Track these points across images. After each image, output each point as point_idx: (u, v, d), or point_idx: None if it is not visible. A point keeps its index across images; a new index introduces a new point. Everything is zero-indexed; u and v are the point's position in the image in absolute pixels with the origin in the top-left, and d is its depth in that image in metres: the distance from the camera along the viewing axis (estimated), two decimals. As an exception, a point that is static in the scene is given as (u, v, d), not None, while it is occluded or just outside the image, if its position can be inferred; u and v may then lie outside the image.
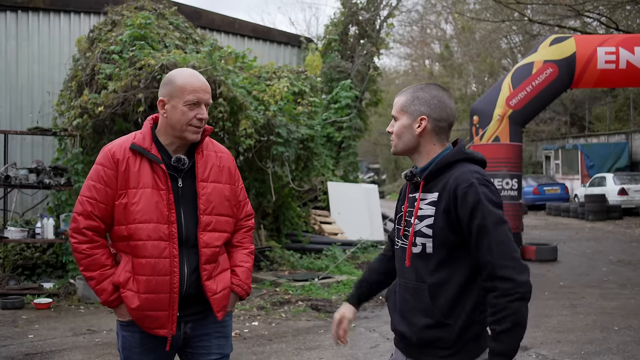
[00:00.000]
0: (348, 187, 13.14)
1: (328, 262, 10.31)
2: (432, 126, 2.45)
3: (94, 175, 2.75)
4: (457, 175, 2.34)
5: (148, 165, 2.72)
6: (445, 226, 2.34)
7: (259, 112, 9.49)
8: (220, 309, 2.83)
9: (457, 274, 2.35)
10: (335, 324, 2.77)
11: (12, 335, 6.67)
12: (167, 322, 2.73)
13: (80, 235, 2.73)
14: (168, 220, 2.70)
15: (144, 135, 2.78)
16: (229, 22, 14.35)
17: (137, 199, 2.69)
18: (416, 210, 2.44)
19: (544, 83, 11.69)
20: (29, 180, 8.49)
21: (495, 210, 2.28)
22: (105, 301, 2.77)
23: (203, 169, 2.80)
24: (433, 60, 39.53)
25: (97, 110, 8.46)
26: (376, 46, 15.38)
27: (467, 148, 2.49)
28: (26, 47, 11.83)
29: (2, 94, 11.54)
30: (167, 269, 2.70)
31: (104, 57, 9.18)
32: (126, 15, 10.04)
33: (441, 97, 2.47)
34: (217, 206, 2.81)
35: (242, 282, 2.92)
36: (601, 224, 19.94)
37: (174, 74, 2.78)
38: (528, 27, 24.87)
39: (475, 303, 2.36)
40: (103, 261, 2.75)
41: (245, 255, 2.98)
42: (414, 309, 2.42)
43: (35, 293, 8.30)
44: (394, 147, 2.55)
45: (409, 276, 2.45)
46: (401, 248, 2.55)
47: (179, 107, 2.70)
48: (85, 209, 2.73)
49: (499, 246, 2.25)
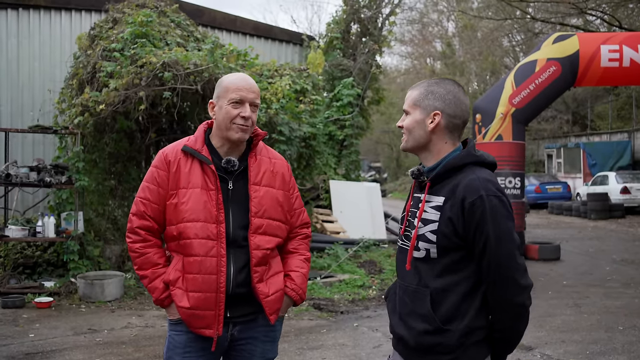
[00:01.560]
0: (350, 185, 13.09)
1: (330, 261, 10.27)
2: (446, 122, 2.38)
3: (148, 177, 2.83)
4: (466, 184, 2.26)
5: (199, 166, 2.77)
6: (450, 234, 2.28)
7: (260, 110, 9.43)
8: (273, 312, 2.81)
9: (462, 281, 2.31)
10: None
11: (13, 334, 6.63)
12: (213, 322, 2.73)
13: (134, 235, 2.81)
14: (217, 219, 2.72)
15: (196, 138, 2.84)
16: (230, 20, 14.31)
17: (187, 198, 2.73)
18: (420, 213, 2.37)
19: (547, 81, 11.63)
20: (30, 178, 8.44)
21: (503, 226, 2.24)
22: (157, 299, 2.80)
23: (256, 173, 2.83)
24: (434, 59, 39.46)
25: (98, 108, 8.40)
26: (378, 44, 15.32)
27: (476, 149, 2.41)
28: (27, 45, 11.81)
29: (3, 92, 11.52)
30: (214, 267, 2.71)
31: (105, 55, 9.13)
32: (127, 13, 9.98)
33: (456, 93, 2.40)
34: (269, 210, 2.82)
35: (297, 286, 2.90)
36: (604, 222, 19.88)
37: (224, 77, 2.85)
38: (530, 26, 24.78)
39: (479, 309, 2.31)
40: (155, 260, 2.80)
41: (301, 262, 2.98)
42: (413, 313, 2.37)
43: (36, 292, 8.26)
44: (405, 143, 2.47)
45: (410, 279, 2.40)
46: (402, 249, 2.50)
47: (223, 107, 2.75)
48: (139, 209, 2.80)
49: (500, 268, 2.23)
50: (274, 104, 9.65)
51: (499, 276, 2.22)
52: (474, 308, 2.29)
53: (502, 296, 2.25)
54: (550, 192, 25.43)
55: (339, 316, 7.59)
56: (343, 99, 13.28)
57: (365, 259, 10.74)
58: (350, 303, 8.22)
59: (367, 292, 8.76)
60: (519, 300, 2.25)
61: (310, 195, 12.62)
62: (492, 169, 2.40)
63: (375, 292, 8.79)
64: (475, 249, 2.26)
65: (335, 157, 13.66)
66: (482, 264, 2.25)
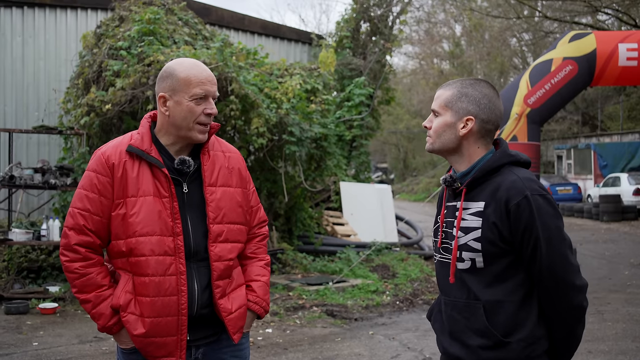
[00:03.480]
0: (361, 187, 12.83)
1: (342, 265, 10.00)
2: (479, 128, 2.21)
3: (86, 183, 2.41)
4: (509, 185, 2.11)
5: (148, 170, 2.39)
6: (495, 239, 2.11)
7: (270, 110, 9.18)
8: (237, 330, 2.49)
9: (515, 288, 2.14)
10: None
11: (16, 342, 6.39)
12: (175, 349, 2.39)
13: (71, 253, 2.39)
14: (173, 231, 2.37)
15: (142, 136, 2.43)
16: (238, 18, 14.07)
17: (137, 208, 2.35)
18: (458, 221, 2.19)
19: (563, 81, 11.34)
20: (34, 180, 8.20)
21: (553, 225, 2.09)
22: (104, 327, 2.42)
23: (210, 172, 2.47)
24: (442, 59, 39.16)
25: (104, 108, 8.17)
26: (389, 43, 15.05)
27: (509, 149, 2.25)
28: (32, 43, 11.60)
29: (8, 92, 11.31)
30: (174, 287, 2.36)
31: (112, 54, 8.90)
32: (134, 11, 9.74)
33: (492, 97, 2.23)
34: (228, 213, 2.48)
35: (259, 298, 2.58)
36: (616, 225, 19.57)
37: (174, 66, 2.42)
38: (539, 25, 24.48)
39: (537, 317, 2.14)
40: (99, 281, 2.40)
41: (261, 268, 2.64)
42: (467, 329, 2.17)
43: (40, 297, 8.02)
44: (430, 145, 2.28)
45: (457, 294, 2.21)
46: (442, 262, 2.29)
47: (184, 103, 2.37)
48: (77, 223, 2.39)
49: (554, 270, 2.08)
50: (284, 103, 9.39)
51: (553, 279, 2.08)
52: (533, 315, 2.13)
53: (558, 300, 2.11)
54: (560, 193, 25.10)
55: (353, 323, 7.33)
56: (354, 99, 13.01)
57: (377, 262, 10.47)
58: (364, 309, 7.95)
59: (381, 297, 8.49)
60: (576, 302, 2.11)
61: (321, 197, 12.36)
62: (527, 168, 2.24)
63: (389, 297, 8.52)
64: (524, 253, 2.11)
65: (345, 158, 13.39)
66: (533, 268, 2.11)
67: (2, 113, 11.21)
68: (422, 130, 39.75)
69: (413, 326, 7.18)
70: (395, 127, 40.12)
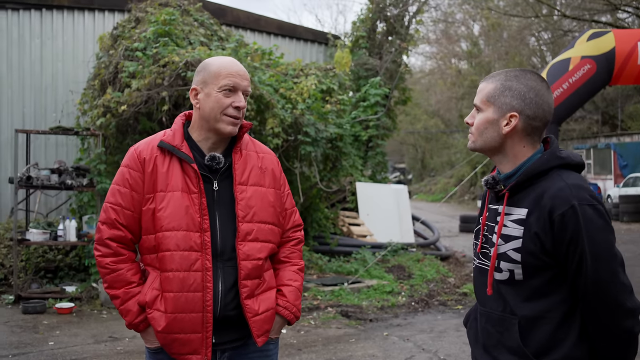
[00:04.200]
0: (377, 187, 12.78)
1: (357, 265, 9.97)
2: (524, 125, 2.02)
3: (119, 178, 2.45)
4: (554, 193, 1.93)
5: (178, 165, 2.40)
6: (537, 252, 1.94)
7: (286, 110, 9.18)
8: (262, 334, 2.44)
9: (556, 305, 1.97)
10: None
11: (32, 342, 6.44)
12: (200, 347, 2.36)
13: (104, 248, 2.42)
14: (200, 227, 2.36)
15: (174, 132, 2.46)
16: (254, 19, 14.08)
17: (165, 203, 2.36)
18: (500, 228, 2.04)
19: (582, 80, 11.22)
20: (51, 181, 8.26)
21: (602, 239, 1.90)
22: (131, 323, 2.44)
23: (242, 170, 2.45)
24: (460, 59, 38.94)
25: (120, 109, 8.20)
26: (406, 43, 14.98)
27: (560, 149, 2.06)
28: (50, 45, 11.69)
29: (27, 94, 11.41)
30: (199, 284, 2.34)
31: (128, 55, 8.94)
32: (150, 12, 9.79)
33: (539, 90, 2.03)
34: (259, 212, 2.45)
35: (290, 303, 2.53)
36: (637, 225, 19.32)
37: (209, 60, 2.46)
38: (558, 24, 24.25)
39: (578, 336, 1.96)
40: (129, 278, 2.43)
41: (294, 273, 2.60)
42: (500, 345, 2.03)
43: (57, 297, 8.08)
44: (472, 143, 2.12)
45: (493, 305, 2.07)
46: (480, 269, 2.15)
47: (212, 94, 2.38)
48: (109, 217, 2.42)
49: (601, 289, 1.89)
50: (299, 104, 9.38)
51: (600, 299, 1.90)
52: (573, 336, 1.95)
53: (604, 323, 1.91)
54: (580, 193, 24.84)
55: (367, 324, 7.30)
56: (370, 99, 12.97)
57: (393, 263, 10.42)
58: (379, 310, 7.92)
59: (397, 298, 8.45)
60: (625, 326, 1.91)
61: (337, 198, 12.33)
62: (579, 171, 2.05)
63: (405, 298, 8.48)
64: (569, 268, 1.93)
65: (361, 158, 13.35)
66: (578, 286, 1.93)
67: (21, 114, 11.31)
68: (440, 131, 39.60)
69: (428, 327, 7.13)
70: (413, 127, 39.94)
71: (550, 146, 2.07)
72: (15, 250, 8.17)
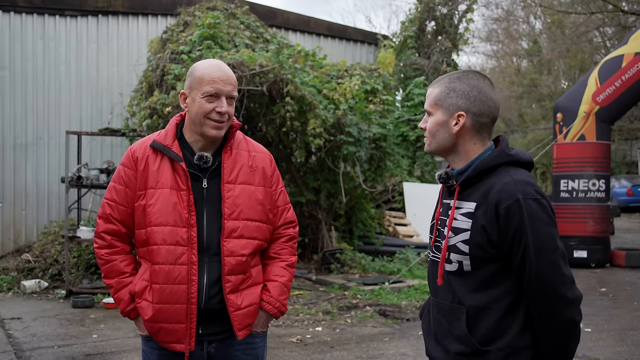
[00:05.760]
0: (424, 187, 12.72)
1: (400, 265, 9.97)
2: (472, 122, 2.10)
3: (115, 176, 2.61)
4: (501, 187, 2.00)
5: (169, 164, 2.52)
6: (484, 244, 2.02)
7: (328, 110, 9.26)
8: (243, 327, 2.53)
9: (502, 296, 2.04)
10: None
11: (78, 334, 6.73)
12: (184, 336, 2.48)
13: (99, 240, 2.60)
14: (187, 223, 2.47)
15: (166, 132, 2.59)
16: (304, 20, 14.22)
17: (155, 199, 2.49)
18: (450, 221, 2.12)
19: (635, 77, 10.91)
20: (100, 180, 8.60)
21: (545, 233, 1.96)
22: (123, 311, 2.59)
23: (230, 169, 2.54)
24: (520, 57, 38.18)
25: (165, 110, 8.47)
26: (455, 42, 14.84)
27: (510, 147, 2.13)
28: (106, 50, 12.11)
29: (84, 97, 11.85)
30: (184, 277, 2.45)
31: (174, 58, 9.21)
32: (198, 16, 10.06)
33: (482, 88, 2.11)
34: (246, 210, 2.53)
35: (272, 298, 2.60)
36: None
37: (196, 65, 2.57)
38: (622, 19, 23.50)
39: (522, 326, 2.03)
40: (122, 268, 2.58)
41: (281, 269, 2.66)
42: (449, 334, 2.10)
43: (105, 292, 8.40)
44: (428, 146, 2.21)
45: (443, 296, 2.14)
46: (433, 261, 2.24)
47: (197, 100, 2.48)
48: (105, 212, 2.59)
49: (543, 280, 1.96)
50: (342, 104, 9.45)
51: (542, 291, 1.97)
52: (517, 325, 2.02)
53: (547, 312, 1.98)
54: (643, 194, 24.06)
55: (404, 324, 7.30)
56: (414, 99, 12.93)
57: (437, 263, 10.35)
58: (417, 310, 7.90)
59: (437, 298, 8.41)
60: (567, 315, 1.98)
61: (382, 198, 12.34)
62: (528, 169, 2.11)
63: (445, 299, 8.42)
64: (513, 260, 2.00)
65: (409, 158, 13.31)
66: (522, 277, 2.00)
67: (78, 117, 11.75)
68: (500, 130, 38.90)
69: (465, 328, 7.07)
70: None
71: (500, 144, 2.14)
72: (67, 247, 8.53)
